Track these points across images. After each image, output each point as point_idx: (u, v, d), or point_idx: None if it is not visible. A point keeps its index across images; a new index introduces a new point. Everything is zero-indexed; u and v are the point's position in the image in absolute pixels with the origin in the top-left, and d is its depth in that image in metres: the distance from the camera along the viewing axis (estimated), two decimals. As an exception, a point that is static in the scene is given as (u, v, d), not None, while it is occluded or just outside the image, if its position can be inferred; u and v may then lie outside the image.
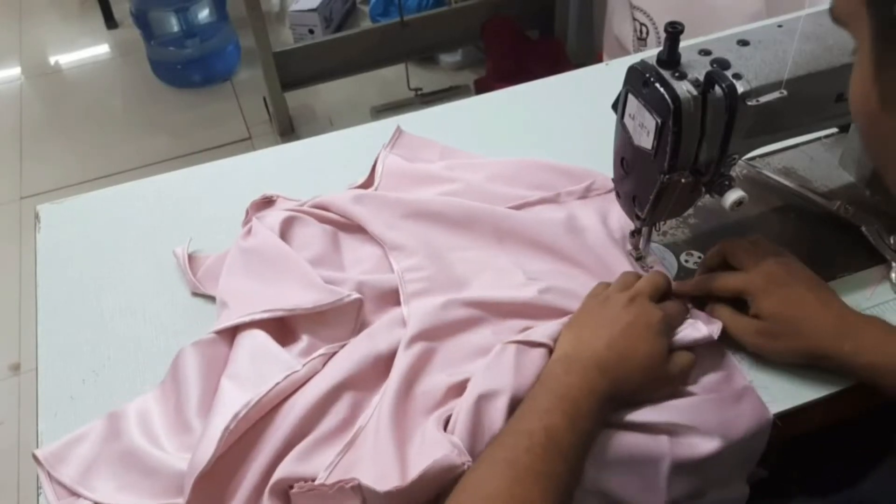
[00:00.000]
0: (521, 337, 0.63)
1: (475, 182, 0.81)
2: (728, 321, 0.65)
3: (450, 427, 0.58)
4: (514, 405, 0.58)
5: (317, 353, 0.64)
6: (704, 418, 0.59)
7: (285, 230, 0.74)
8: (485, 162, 0.86)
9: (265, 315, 0.66)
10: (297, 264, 0.70)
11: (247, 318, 0.65)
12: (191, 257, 0.76)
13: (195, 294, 0.74)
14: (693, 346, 0.63)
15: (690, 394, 0.61)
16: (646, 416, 0.59)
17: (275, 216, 0.75)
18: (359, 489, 0.52)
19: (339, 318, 0.67)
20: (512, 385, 0.59)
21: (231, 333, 0.67)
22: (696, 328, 0.64)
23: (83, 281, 0.77)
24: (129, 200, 0.86)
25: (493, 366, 0.61)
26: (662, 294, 0.66)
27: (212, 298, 0.73)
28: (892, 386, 0.59)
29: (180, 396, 0.63)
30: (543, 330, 0.64)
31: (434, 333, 0.65)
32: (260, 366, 0.62)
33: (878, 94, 0.40)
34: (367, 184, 0.83)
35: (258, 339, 0.65)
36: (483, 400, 0.58)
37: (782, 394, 0.63)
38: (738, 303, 0.65)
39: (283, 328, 0.67)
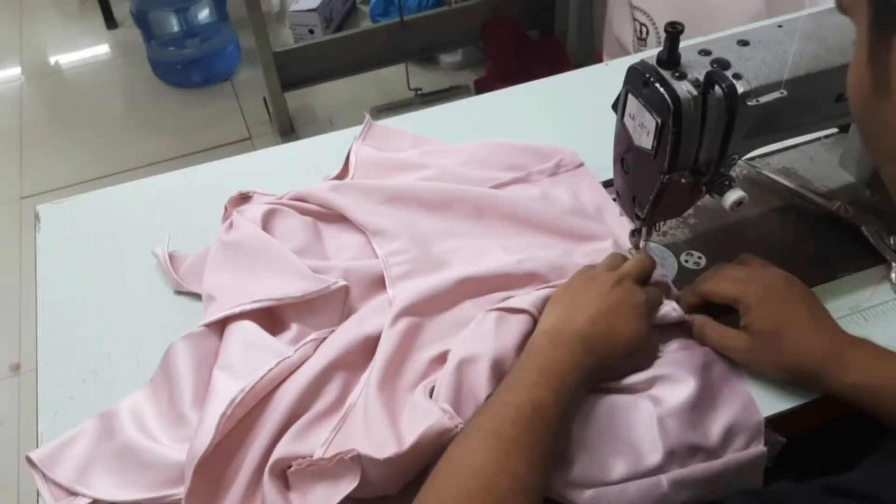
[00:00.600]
0: (501, 306, 0.65)
1: (448, 167, 0.82)
2: (715, 334, 0.65)
3: (434, 394, 0.59)
4: (495, 369, 0.60)
5: (307, 339, 0.65)
6: (674, 367, 0.62)
7: (266, 222, 0.75)
8: (456, 147, 0.87)
9: (254, 305, 0.66)
10: (281, 254, 0.70)
11: (236, 310, 0.66)
12: (171, 256, 0.76)
13: (180, 292, 0.75)
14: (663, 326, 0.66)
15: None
16: (623, 379, 0.62)
17: (255, 209, 0.76)
18: (358, 459, 0.53)
19: (327, 306, 0.67)
20: (492, 350, 0.60)
21: (220, 326, 0.67)
22: (673, 307, 0.66)
23: (83, 281, 0.77)
24: (129, 200, 0.86)
25: (474, 333, 0.63)
26: (646, 278, 0.67)
27: (211, 298, 0.73)
28: (877, 408, 0.58)
29: (173, 390, 0.63)
30: (524, 297, 0.66)
31: (418, 309, 0.66)
32: (251, 355, 0.63)
33: (871, 78, 0.41)
34: (342, 175, 0.84)
35: (248, 330, 0.65)
36: (464, 365, 0.59)
37: (778, 395, 0.63)
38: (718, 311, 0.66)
39: (271, 318, 0.68)
